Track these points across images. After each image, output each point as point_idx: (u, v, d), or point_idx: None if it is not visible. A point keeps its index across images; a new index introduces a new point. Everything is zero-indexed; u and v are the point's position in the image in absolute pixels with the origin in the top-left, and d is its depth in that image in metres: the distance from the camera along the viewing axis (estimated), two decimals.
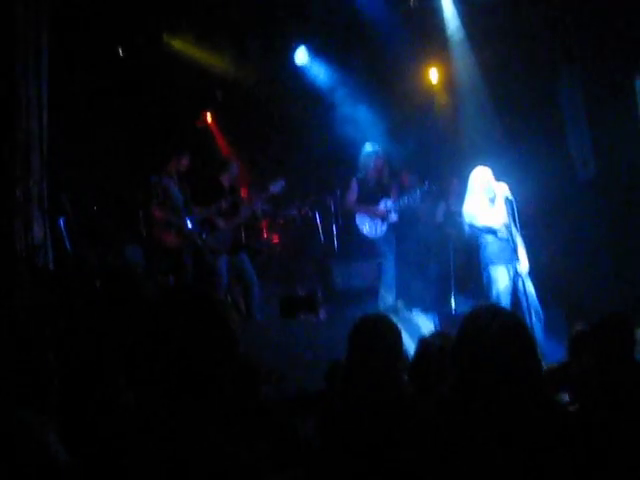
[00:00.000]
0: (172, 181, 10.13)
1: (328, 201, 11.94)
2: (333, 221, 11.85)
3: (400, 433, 3.37)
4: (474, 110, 11.95)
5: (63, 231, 9.17)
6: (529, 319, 8.30)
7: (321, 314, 10.70)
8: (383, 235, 10.71)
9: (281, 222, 12.53)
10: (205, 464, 2.24)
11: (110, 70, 11.47)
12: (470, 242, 9.26)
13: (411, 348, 5.23)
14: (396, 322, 4.19)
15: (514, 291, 8.76)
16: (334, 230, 11.83)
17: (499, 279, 8.79)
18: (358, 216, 10.74)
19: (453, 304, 10.40)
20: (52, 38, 7.89)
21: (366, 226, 10.69)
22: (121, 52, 11.99)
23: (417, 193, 10.69)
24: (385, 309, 9.99)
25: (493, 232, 8.84)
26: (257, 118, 13.13)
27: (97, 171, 11.21)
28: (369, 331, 4.03)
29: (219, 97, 13.30)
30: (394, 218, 10.69)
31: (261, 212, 11.20)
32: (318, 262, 11.94)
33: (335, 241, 11.82)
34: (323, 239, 11.97)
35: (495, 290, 8.77)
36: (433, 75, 12.59)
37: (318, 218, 12.11)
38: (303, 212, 12.26)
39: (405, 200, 10.72)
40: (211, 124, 13.86)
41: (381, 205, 10.69)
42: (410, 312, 9.98)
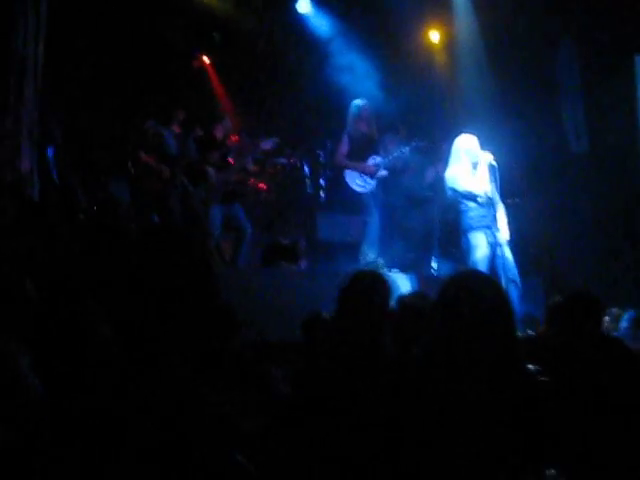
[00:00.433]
0: (168, 130, 10.17)
1: (318, 152, 11.89)
2: (322, 173, 11.80)
3: (377, 391, 3.38)
4: (471, 75, 11.91)
5: (51, 162, 9.11)
6: (506, 287, 8.34)
7: (302, 264, 10.73)
8: (371, 190, 10.74)
9: (269, 170, 12.46)
10: (176, 405, 2.25)
11: (108, 9, 11.33)
12: (454, 206, 9.28)
13: None
14: None
15: (492, 258, 8.78)
16: (322, 182, 11.79)
17: (478, 245, 8.78)
18: (347, 172, 10.74)
19: (435, 266, 10.47)
20: None
21: (355, 182, 10.71)
22: None
23: (406, 149, 10.75)
24: (365, 265, 10.01)
25: (474, 198, 8.83)
26: (254, 64, 13.03)
27: (91, 105, 11.12)
28: (364, 286, 3.98)
29: (217, 40, 13.16)
30: (383, 174, 10.73)
31: (252, 167, 11.21)
32: (303, 212, 11.92)
33: (322, 193, 11.78)
34: (310, 190, 11.93)
35: (473, 256, 8.78)
36: (434, 36, 12.54)
37: (307, 168, 12.06)
38: (292, 161, 12.20)
39: (394, 155, 10.75)
40: (207, 66, 13.72)
41: (370, 161, 10.70)
42: (389, 271, 10.00)
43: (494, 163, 8.68)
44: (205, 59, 13.55)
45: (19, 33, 7.34)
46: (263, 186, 12.35)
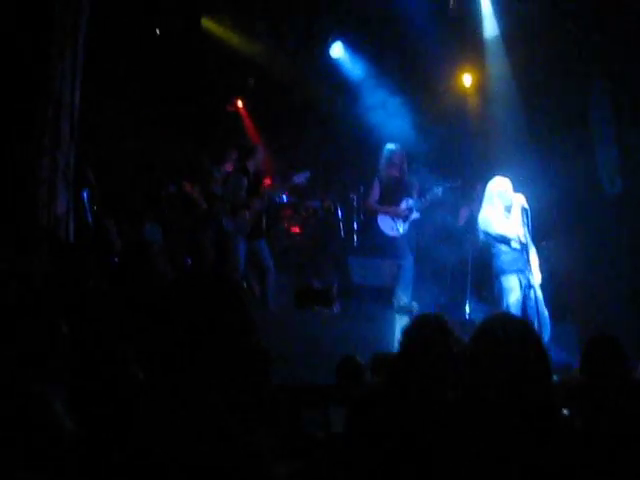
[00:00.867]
0: (218, 169, 10.71)
1: (351, 196, 11.93)
2: (355, 217, 11.84)
3: (434, 436, 3.29)
4: (504, 117, 11.89)
5: (86, 204, 9.21)
6: (538, 330, 8.27)
7: (335, 308, 10.71)
8: (404, 233, 10.74)
9: (303, 213, 12.51)
10: (210, 445, 2.24)
11: (146, 49, 11.51)
12: (486, 249, 9.26)
13: None
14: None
15: (524, 302, 8.74)
16: (355, 226, 11.82)
17: (510, 289, 8.78)
18: (380, 216, 10.77)
19: (467, 309, 10.42)
20: (91, 14, 7.90)
21: (388, 226, 10.72)
22: (158, 32, 12.03)
23: (439, 189, 10.76)
24: (399, 308, 10.00)
25: (507, 241, 8.84)
26: (288, 108, 13.13)
27: (126, 147, 11.25)
28: (433, 327, 3.89)
29: (251, 84, 13.30)
30: (416, 216, 10.75)
31: (279, 201, 11.25)
32: (336, 256, 11.94)
33: (355, 237, 11.81)
34: (343, 234, 11.96)
35: (506, 299, 8.78)
36: (467, 79, 12.58)
37: (340, 212, 12.10)
38: (326, 205, 12.25)
39: (427, 197, 10.77)
40: (241, 110, 13.85)
41: (402, 204, 10.71)
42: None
43: (526, 206, 8.67)
44: (239, 103, 13.69)
45: (56, 75, 7.44)
46: (296, 229, 12.39)
